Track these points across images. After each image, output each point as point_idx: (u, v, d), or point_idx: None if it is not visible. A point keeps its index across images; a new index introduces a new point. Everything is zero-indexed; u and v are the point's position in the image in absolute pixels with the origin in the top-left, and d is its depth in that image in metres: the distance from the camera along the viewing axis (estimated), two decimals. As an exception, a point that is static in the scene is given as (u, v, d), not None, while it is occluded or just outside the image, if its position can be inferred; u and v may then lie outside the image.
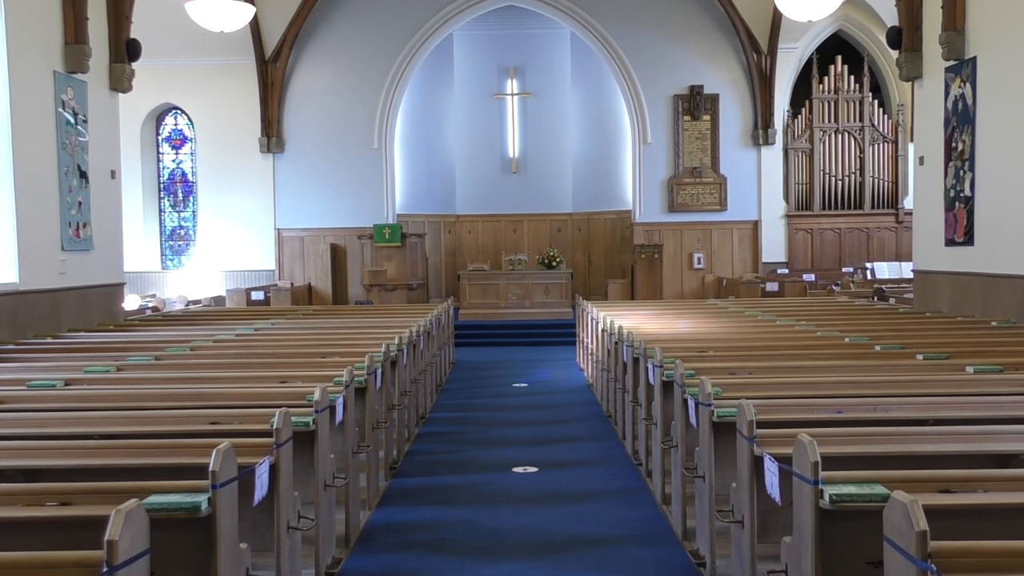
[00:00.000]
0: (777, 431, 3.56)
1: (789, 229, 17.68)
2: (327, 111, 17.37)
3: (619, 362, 7.51)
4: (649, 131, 17.37)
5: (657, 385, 5.50)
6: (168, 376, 5.49)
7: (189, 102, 17.59)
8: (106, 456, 3.41)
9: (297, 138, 17.43)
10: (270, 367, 5.93)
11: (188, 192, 18.29)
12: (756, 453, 3.45)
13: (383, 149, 17.42)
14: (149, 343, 7.41)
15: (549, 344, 14.28)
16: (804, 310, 10.09)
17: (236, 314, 11.08)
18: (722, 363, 5.70)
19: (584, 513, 5.38)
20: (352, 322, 9.60)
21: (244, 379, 5.33)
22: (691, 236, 17.57)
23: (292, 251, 17.64)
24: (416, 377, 8.00)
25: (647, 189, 17.49)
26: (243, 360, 6.26)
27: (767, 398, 4.38)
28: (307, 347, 7.11)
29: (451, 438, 7.77)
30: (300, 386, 4.95)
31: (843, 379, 4.92)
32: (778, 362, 5.75)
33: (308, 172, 17.42)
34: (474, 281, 15.92)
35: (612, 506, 5.54)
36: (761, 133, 17.28)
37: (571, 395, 9.86)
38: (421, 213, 18.45)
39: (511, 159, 19.06)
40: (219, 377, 5.41)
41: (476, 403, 9.52)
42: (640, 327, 8.25)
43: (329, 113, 17.37)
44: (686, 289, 17.54)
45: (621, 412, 7.50)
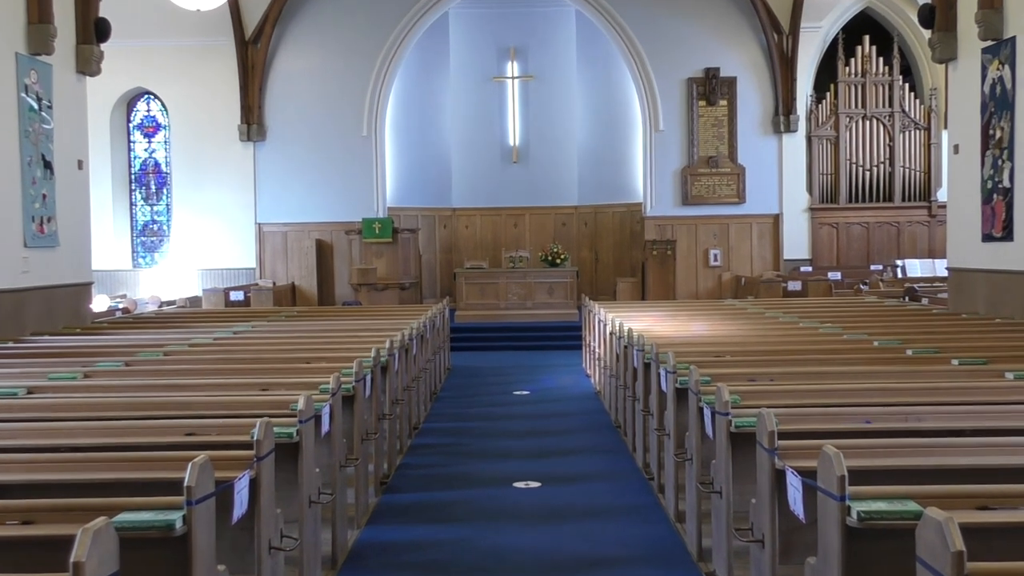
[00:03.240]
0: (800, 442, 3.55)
1: (813, 223, 17.68)
2: (312, 96, 17.37)
3: (629, 368, 7.51)
4: (661, 117, 17.37)
5: (670, 393, 5.50)
6: (140, 383, 5.48)
7: (163, 86, 17.59)
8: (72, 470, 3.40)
9: (280, 125, 17.43)
10: (250, 373, 5.92)
11: (161, 184, 18.29)
12: (777, 466, 3.44)
13: (373, 137, 17.42)
14: (119, 347, 7.40)
15: (553, 348, 14.28)
16: (829, 311, 10.09)
17: (214, 316, 11.08)
18: (740, 369, 5.69)
19: (591, 531, 5.38)
20: (339, 324, 9.59)
21: (222, 386, 5.33)
22: (707, 231, 17.57)
23: (274, 247, 17.64)
24: (409, 384, 8.00)
25: (659, 180, 17.49)
26: (221, 366, 6.26)
27: (789, 407, 4.38)
28: (290, 352, 7.11)
29: (447, 450, 7.76)
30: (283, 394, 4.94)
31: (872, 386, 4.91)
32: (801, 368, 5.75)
33: (291, 162, 17.42)
34: (472, 280, 15.92)
35: (621, 524, 5.53)
36: (782, 120, 17.28)
37: (577, 403, 9.85)
38: (414, 206, 18.46)
39: (511, 148, 19.06)
40: (195, 384, 5.41)
41: (474, 412, 9.52)
42: (651, 330, 8.24)
43: (314, 98, 17.37)
44: (701, 288, 17.54)
45: (631, 422, 7.49)
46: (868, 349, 6.76)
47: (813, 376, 5.40)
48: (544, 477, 6.61)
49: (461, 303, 15.83)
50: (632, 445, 7.43)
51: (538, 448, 7.68)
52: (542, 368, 12.45)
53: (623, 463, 7.13)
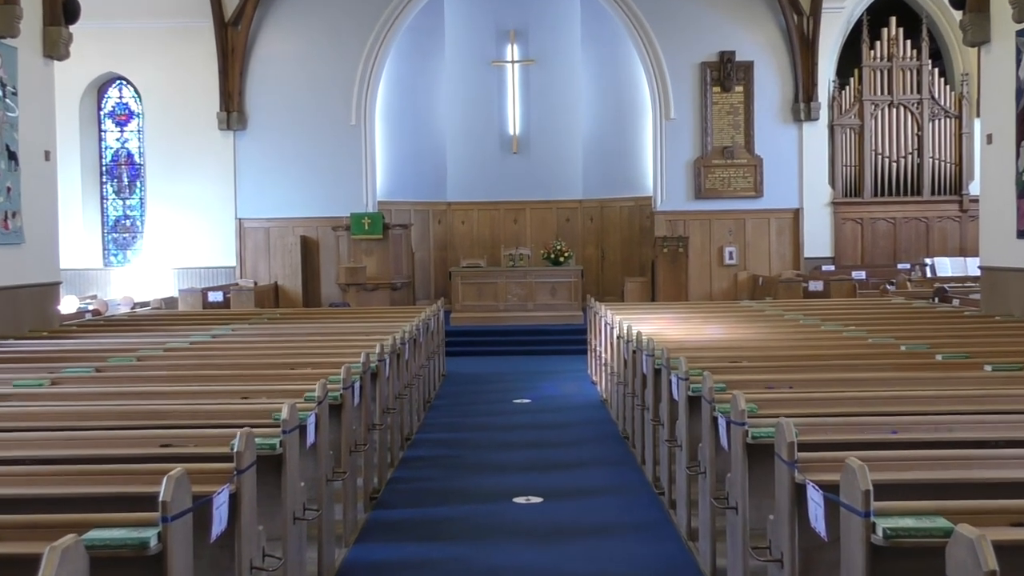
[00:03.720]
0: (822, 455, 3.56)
1: (835, 219, 17.69)
2: (297, 82, 17.37)
3: (637, 374, 7.51)
4: (672, 105, 17.38)
5: (682, 401, 5.50)
6: (111, 391, 5.49)
7: (136, 71, 17.59)
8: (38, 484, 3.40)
9: (262, 113, 17.44)
10: (230, 380, 5.93)
11: (135, 176, 18.29)
12: (798, 480, 3.45)
13: (362, 126, 17.43)
14: (89, 352, 7.41)
15: (556, 353, 14.29)
16: (853, 313, 10.09)
17: (190, 318, 11.09)
18: (758, 375, 5.70)
19: (597, 550, 5.38)
20: (326, 327, 9.60)
21: (200, 394, 5.33)
22: (721, 227, 17.58)
23: (256, 245, 17.64)
24: (401, 392, 8.01)
25: (670, 172, 17.50)
26: (199, 372, 6.27)
27: (810, 416, 4.38)
28: (273, 357, 7.12)
29: (441, 463, 7.76)
30: (265, 402, 4.95)
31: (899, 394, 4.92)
32: (823, 374, 5.75)
33: (275, 153, 17.43)
34: (468, 280, 15.93)
35: (629, 542, 5.54)
36: (803, 107, 17.29)
37: (581, 413, 9.86)
38: (406, 200, 18.47)
39: (511, 137, 19.06)
40: (171, 392, 5.41)
41: (471, 422, 9.52)
42: (662, 333, 8.25)
43: (299, 84, 17.37)
44: (715, 289, 17.55)
45: (640, 432, 7.50)
46: (895, 354, 6.77)
47: (836, 383, 5.40)
48: (546, 492, 6.61)
49: (457, 304, 15.83)
50: (641, 457, 7.43)
51: (540, 461, 7.68)
52: (544, 375, 12.45)
53: (631, 477, 7.13)
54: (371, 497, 6.46)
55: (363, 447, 6.05)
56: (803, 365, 6.20)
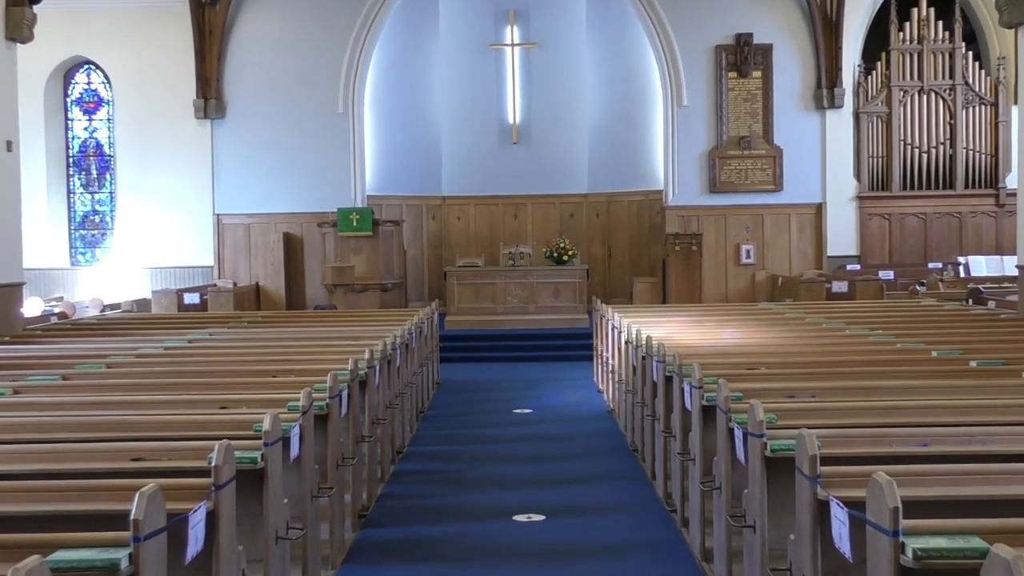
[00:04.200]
0: (847, 469, 3.56)
1: (861, 214, 17.69)
2: (280, 66, 17.38)
3: (647, 382, 7.52)
4: (685, 91, 17.39)
5: (695, 411, 5.50)
6: (79, 400, 5.49)
7: (106, 55, 17.60)
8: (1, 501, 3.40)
9: (242, 100, 17.44)
10: (207, 389, 5.94)
11: (104, 169, 18.30)
12: (820, 496, 3.45)
13: (350, 114, 17.43)
14: (55, 359, 7.41)
15: (559, 360, 14.29)
16: (880, 316, 10.10)
17: (164, 322, 11.09)
18: (777, 383, 5.70)
19: (604, 573, 5.38)
20: (311, 332, 9.61)
21: (175, 404, 5.34)
22: (738, 223, 17.58)
23: (235, 242, 17.64)
24: (392, 401, 8.01)
25: (682, 164, 17.51)
26: (173, 380, 6.27)
27: (834, 427, 4.38)
28: (254, 364, 7.12)
29: (436, 478, 7.76)
30: (245, 413, 4.95)
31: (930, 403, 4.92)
32: (848, 382, 5.76)
33: (255, 143, 17.43)
34: (464, 280, 15.93)
35: (639, 563, 5.54)
36: (826, 94, 17.29)
37: (587, 424, 9.86)
38: (398, 194, 18.47)
39: (511, 126, 19.07)
40: (143, 402, 5.42)
41: (467, 434, 9.52)
42: (674, 338, 8.26)
43: (282, 69, 17.38)
44: (731, 290, 17.55)
45: (650, 445, 7.50)
46: (925, 360, 6.77)
47: (862, 392, 5.41)
48: (549, 509, 6.61)
49: (452, 307, 15.83)
50: (651, 472, 7.44)
51: (542, 475, 7.68)
52: (546, 382, 12.46)
53: (641, 493, 7.13)
54: (360, 515, 6.45)
55: (351, 461, 6.04)
56: (826, 372, 6.20)
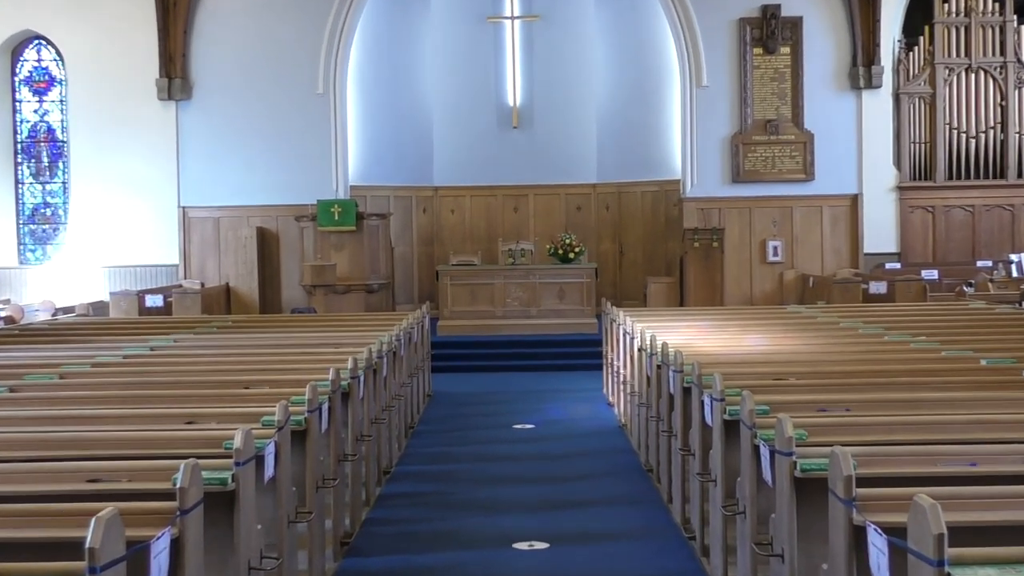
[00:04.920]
0: (886, 491, 3.56)
1: (902, 207, 17.68)
2: (252, 42, 17.36)
3: (663, 394, 7.51)
4: (705, 70, 17.38)
5: (717, 426, 5.50)
6: (28, 415, 5.48)
7: (58, 30, 17.58)
8: (-59, 527, 3.40)
9: (210, 80, 17.42)
10: (172, 402, 5.93)
11: (57, 156, 18.29)
12: (856, 522, 3.44)
13: (331, 95, 17.42)
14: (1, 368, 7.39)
15: (564, 369, 14.27)
16: (923, 321, 10.09)
17: (124, 327, 11.09)
18: (808, 395, 5.70)
19: (614, 607, 5.37)
20: (288, 338, 9.60)
21: (135, 419, 5.33)
22: (764, 217, 17.57)
23: (203, 238, 17.63)
24: (378, 416, 8.01)
25: (702, 151, 17.50)
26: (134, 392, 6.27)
27: (872, 444, 4.39)
28: (224, 373, 7.11)
29: (427, 501, 7.76)
30: (214, 428, 4.94)
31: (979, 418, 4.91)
32: (887, 394, 5.76)
33: (225, 127, 17.42)
34: (459, 280, 15.92)
35: (653, 597, 5.53)
36: (862, 72, 17.28)
37: (595, 441, 9.86)
38: (385, 185, 18.46)
39: (511, 109, 19.06)
40: (100, 416, 5.41)
41: (462, 452, 9.53)
42: (693, 344, 8.26)
43: (255, 44, 17.36)
44: (757, 291, 17.54)
45: (666, 464, 7.50)
46: (974, 370, 6.76)
47: (902, 405, 5.40)
48: (553, 536, 6.61)
49: (445, 310, 15.82)
50: (667, 495, 7.43)
51: (545, 498, 7.67)
52: (550, 395, 12.45)
53: (656, 518, 7.13)
54: (342, 542, 6.45)
55: (332, 482, 6.04)
56: (863, 383, 6.20)
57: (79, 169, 17.67)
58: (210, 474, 3.98)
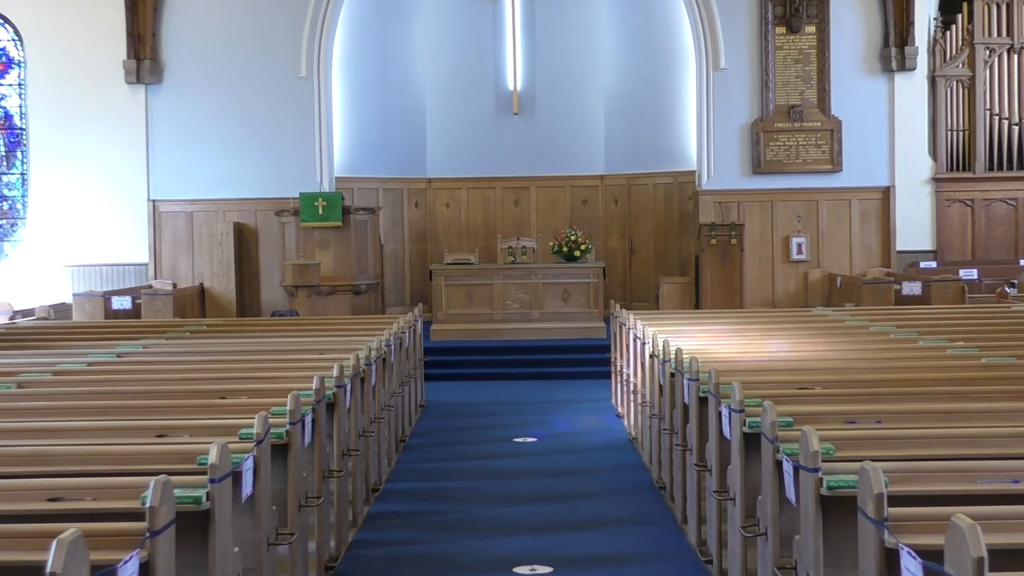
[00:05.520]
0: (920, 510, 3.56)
1: (938, 200, 17.67)
2: (229, 20, 17.35)
3: (677, 405, 7.52)
4: (723, 51, 17.37)
5: (735, 440, 5.51)
6: (-16, 427, 5.47)
7: (16, 7, 17.56)
8: None
9: (183, 62, 17.41)
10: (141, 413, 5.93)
11: (15, 144, 18.28)
12: (888, 544, 3.45)
13: (315, 78, 17.40)
14: (-45, 376, 7.39)
15: (570, 377, 14.28)
16: (961, 325, 10.10)
17: (89, 331, 11.08)
18: (835, 406, 5.71)
19: (624, 637, 5.38)
20: (267, 343, 9.60)
21: (101, 431, 5.33)
22: (787, 211, 17.56)
23: (175, 235, 17.62)
24: (366, 428, 8.01)
25: (720, 140, 17.49)
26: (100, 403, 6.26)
27: (904, 460, 4.38)
28: (198, 382, 7.12)
29: (419, 521, 7.75)
30: (187, 442, 4.94)
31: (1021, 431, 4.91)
32: (921, 404, 5.75)
33: (199, 113, 17.40)
34: (454, 280, 15.91)
35: (667, 626, 5.53)
36: (895, 53, 17.27)
37: (603, 455, 9.87)
38: (373, 176, 18.45)
39: (511, 94, 19.05)
40: (62, 429, 5.41)
41: (457, 468, 9.53)
42: (709, 350, 8.26)
43: (232, 23, 17.35)
44: (779, 292, 17.54)
45: (680, 481, 7.50)
46: (1016, 378, 6.76)
47: (938, 416, 5.40)
48: (557, 560, 6.60)
49: (440, 313, 15.82)
50: (682, 514, 7.43)
51: (548, 518, 7.67)
52: (554, 405, 12.45)
53: (669, 540, 7.13)
54: (327, 566, 6.44)
55: (316, 500, 6.04)
56: (895, 393, 6.19)
57: (39, 159, 17.65)
58: (183, 492, 3.98)
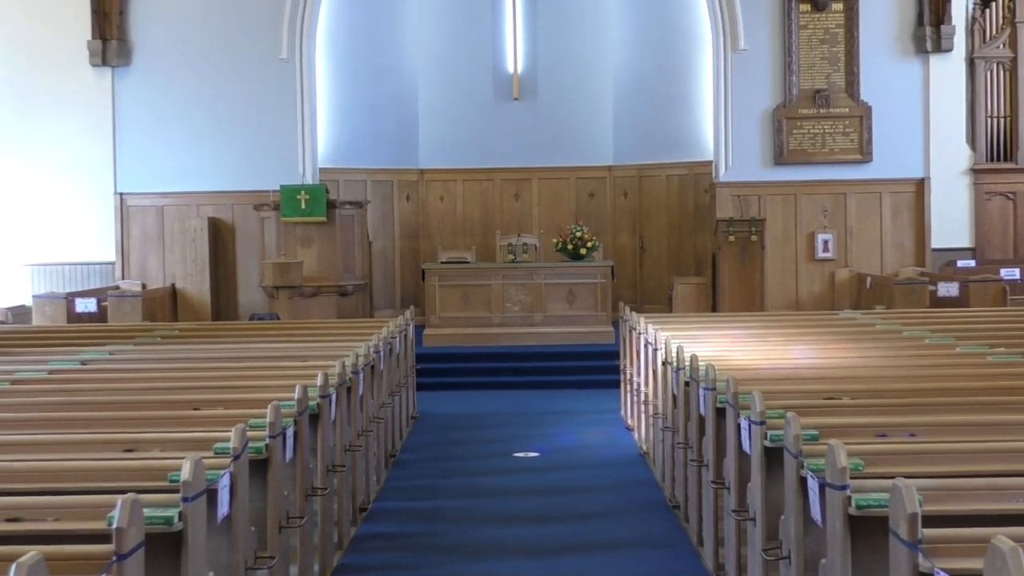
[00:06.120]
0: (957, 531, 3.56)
1: (977, 193, 17.66)
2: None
3: (692, 416, 7.51)
4: (742, 30, 17.36)
5: (756, 455, 5.50)
6: (-63, 441, 5.47)
7: (-28, -18, 17.59)
8: None
9: (153, 42, 17.40)
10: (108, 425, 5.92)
11: (-30, 133, 18.28)
12: (923, 568, 3.44)
13: (297, 61, 17.39)
14: (-95, 385, 7.39)
15: (575, 386, 14.27)
16: (1003, 329, 10.09)
17: (50, 336, 11.08)
18: (865, 418, 5.71)
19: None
20: (246, 350, 9.59)
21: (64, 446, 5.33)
22: (812, 205, 17.55)
23: (144, 231, 17.61)
24: (353, 442, 8.00)
25: (738, 128, 17.48)
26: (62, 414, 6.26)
27: (940, 476, 4.38)
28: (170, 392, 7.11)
29: (410, 543, 7.75)
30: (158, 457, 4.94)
31: (1068, 444, 4.92)
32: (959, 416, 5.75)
33: (171, 99, 17.39)
34: (449, 281, 15.91)
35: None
36: (930, 33, 17.26)
37: (611, 471, 9.87)
38: (361, 167, 18.44)
39: (510, 77, 19.04)
40: (21, 443, 5.40)
41: (452, 485, 9.52)
42: (727, 357, 8.25)
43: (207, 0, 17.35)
44: (804, 293, 17.53)
45: (695, 500, 7.49)
46: (1062, 387, 6.76)
47: (977, 429, 5.41)
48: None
49: (433, 317, 15.81)
50: (697, 536, 7.42)
51: (551, 541, 7.67)
52: (557, 416, 12.44)
53: (684, 563, 7.12)
54: (310, 593, 6.45)
55: (299, 521, 6.03)
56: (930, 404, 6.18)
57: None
58: (153, 511, 3.97)
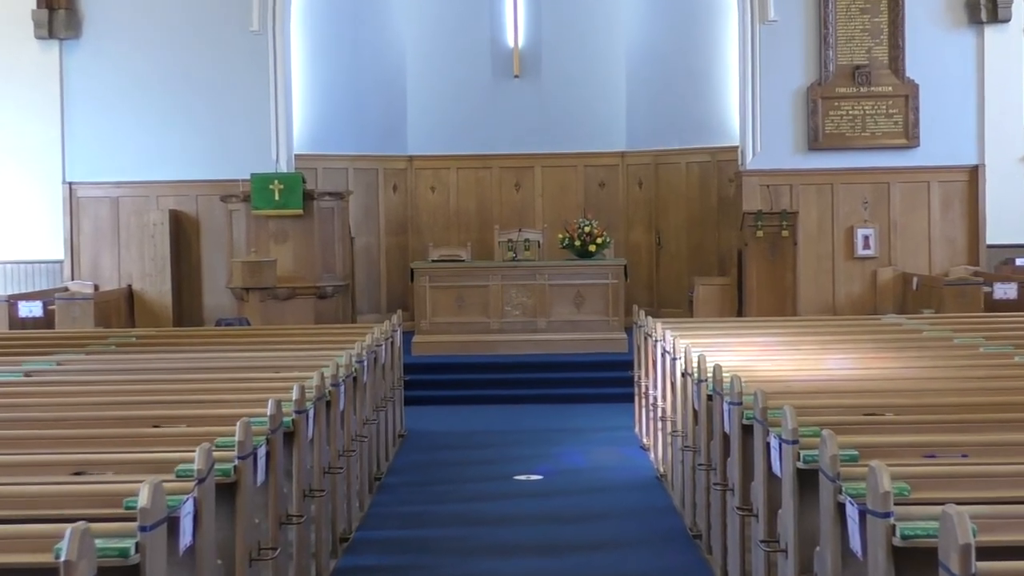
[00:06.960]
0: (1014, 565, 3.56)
1: (1036, 183, 17.69)
2: (163, -38, 17.38)
3: (715, 434, 7.51)
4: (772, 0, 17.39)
5: (788, 477, 5.51)
6: None
7: (-97, -55, 17.61)
8: None
9: (106, 12, 17.41)
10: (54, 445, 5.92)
11: (-99, 115, 18.30)
12: (975, 606, 3.44)
13: (269, 34, 17.39)
14: None
15: (583, 400, 14.29)
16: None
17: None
18: (911, 436, 5.71)
19: None
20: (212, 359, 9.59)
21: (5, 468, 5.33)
22: (850, 196, 17.55)
23: (97, 225, 17.61)
24: (333, 463, 8.01)
25: (768, 109, 17.48)
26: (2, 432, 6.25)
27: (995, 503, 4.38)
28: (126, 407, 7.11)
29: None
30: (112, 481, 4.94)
31: None
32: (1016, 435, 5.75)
33: (127, 76, 17.39)
34: (442, 281, 15.91)
35: None
36: (984, 2, 17.26)
37: (624, 496, 9.89)
38: (342, 154, 18.45)
39: (510, 52, 19.05)
40: (-41, 464, 5.40)
41: (444, 512, 9.53)
42: (754, 368, 8.26)
43: (167, -35, 17.38)
44: (841, 295, 17.53)
45: (719, 528, 7.50)
46: None
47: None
48: (568, 625, 6.63)
49: (424, 322, 15.82)
50: (722, 569, 7.44)
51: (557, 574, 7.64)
52: (563, 435, 12.46)
53: (706, 601, 7.14)
54: (284, 634, 6.45)
55: (271, 552, 6.04)
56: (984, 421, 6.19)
57: (-69, 133, 17.68)
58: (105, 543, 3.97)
